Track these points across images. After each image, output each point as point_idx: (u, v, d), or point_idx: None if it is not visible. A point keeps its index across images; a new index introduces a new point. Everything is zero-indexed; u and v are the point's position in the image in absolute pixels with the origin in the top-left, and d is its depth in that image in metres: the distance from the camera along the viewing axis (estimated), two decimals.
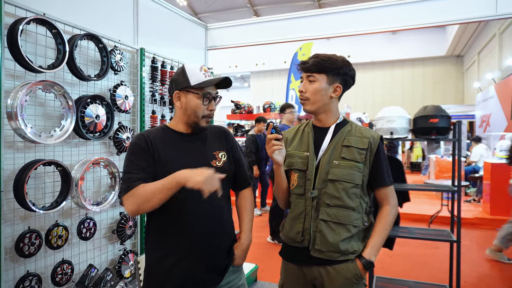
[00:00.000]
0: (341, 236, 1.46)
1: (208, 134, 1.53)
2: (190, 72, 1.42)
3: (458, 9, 2.98)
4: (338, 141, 1.51)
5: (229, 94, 25.90)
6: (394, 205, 1.55)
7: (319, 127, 1.58)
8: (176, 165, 1.33)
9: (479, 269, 3.88)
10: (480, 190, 6.86)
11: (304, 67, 1.51)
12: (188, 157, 1.42)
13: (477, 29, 13.13)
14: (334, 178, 1.46)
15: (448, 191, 2.66)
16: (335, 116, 1.57)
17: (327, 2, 14.32)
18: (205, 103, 1.43)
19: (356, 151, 1.48)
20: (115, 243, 2.47)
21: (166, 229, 1.40)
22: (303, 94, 1.51)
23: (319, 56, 1.51)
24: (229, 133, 1.62)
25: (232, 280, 1.51)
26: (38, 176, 1.92)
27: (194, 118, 1.44)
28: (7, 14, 1.73)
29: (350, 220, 1.47)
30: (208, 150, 1.49)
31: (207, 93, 1.43)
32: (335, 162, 1.48)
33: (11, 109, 1.71)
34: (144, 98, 2.64)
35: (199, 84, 1.41)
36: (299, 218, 1.51)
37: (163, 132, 1.47)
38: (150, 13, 2.82)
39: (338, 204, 1.46)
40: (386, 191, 1.53)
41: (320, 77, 1.49)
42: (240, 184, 1.62)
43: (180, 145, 1.45)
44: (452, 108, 13.94)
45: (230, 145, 1.57)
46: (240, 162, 1.59)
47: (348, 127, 1.55)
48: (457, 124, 2.58)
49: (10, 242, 1.77)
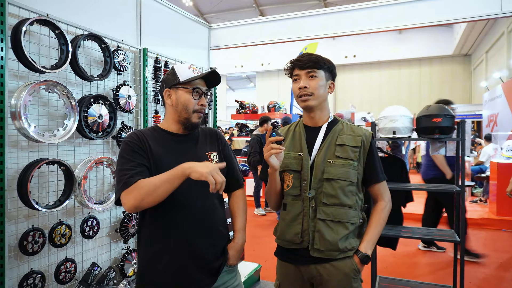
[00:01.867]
0: (339, 234, 1.46)
1: (199, 135, 1.54)
2: (179, 70, 1.45)
3: (463, 7, 2.95)
4: (331, 140, 1.51)
5: (234, 94, 25.98)
6: (388, 200, 1.58)
7: (311, 127, 1.58)
8: (168, 165, 1.32)
9: (485, 270, 3.84)
10: (486, 190, 6.79)
11: (302, 64, 1.50)
12: (179, 157, 1.40)
13: (485, 27, 12.99)
14: (330, 177, 1.47)
15: (451, 191, 2.64)
16: (327, 114, 1.58)
17: (333, 1, 14.27)
18: (195, 98, 1.44)
19: (350, 149, 1.49)
20: (118, 241, 2.49)
21: (158, 230, 1.40)
22: (306, 90, 1.49)
23: (311, 54, 1.52)
24: (220, 134, 1.63)
25: (228, 281, 1.51)
26: (42, 175, 1.94)
27: (185, 114, 1.44)
28: (10, 15, 1.75)
29: (347, 218, 1.48)
30: (199, 151, 1.49)
31: (196, 87, 1.44)
32: (330, 161, 1.48)
33: (15, 108, 1.73)
34: (147, 98, 2.66)
35: (188, 79, 1.43)
36: (297, 219, 1.51)
37: (155, 133, 1.47)
38: (153, 13, 2.83)
39: (335, 203, 1.47)
40: (380, 187, 1.56)
41: (319, 73, 1.50)
42: (232, 185, 1.62)
43: (172, 145, 1.45)
44: (459, 107, 13.81)
45: (221, 146, 1.58)
46: (232, 164, 1.60)
47: (339, 126, 1.56)
48: (461, 123, 2.55)
49: (14, 240, 1.79)
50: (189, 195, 1.40)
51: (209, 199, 1.45)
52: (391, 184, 2.71)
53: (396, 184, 2.73)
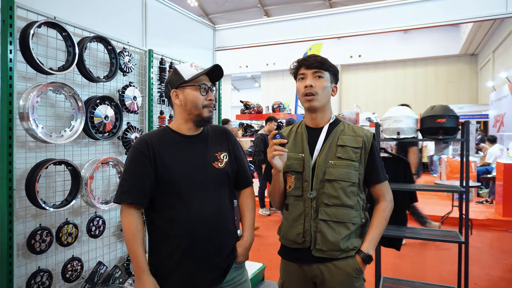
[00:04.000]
0: (341, 234, 1.48)
1: (209, 135, 1.56)
2: (182, 70, 1.47)
3: (468, 8, 2.95)
4: (332, 141, 1.53)
5: (239, 94, 25.99)
6: (390, 200, 1.59)
7: (312, 128, 1.60)
8: (178, 168, 1.39)
9: (490, 271, 3.82)
10: (492, 191, 6.74)
11: (309, 63, 1.52)
12: (189, 159, 1.45)
13: (492, 27, 12.86)
14: (332, 178, 1.48)
15: (456, 191, 2.63)
16: (329, 116, 1.60)
17: (338, 1, 14.23)
18: (203, 93, 1.46)
19: (351, 150, 1.50)
20: (123, 241, 2.52)
21: (168, 229, 1.43)
22: (312, 89, 1.50)
23: (317, 55, 1.54)
24: (231, 133, 1.65)
25: (235, 277, 1.53)
26: (49, 175, 1.97)
27: (196, 111, 1.46)
28: (19, 18, 1.78)
29: (349, 218, 1.49)
30: (210, 152, 1.51)
31: (202, 83, 1.46)
32: (331, 162, 1.50)
33: (23, 110, 1.76)
34: (152, 98, 2.68)
35: (193, 77, 1.45)
36: (299, 220, 1.53)
37: (165, 134, 1.50)
38: (158, 14, 2.86)
39: (337, 203, 1.48)
40: (381, 187, 1.57)
41: (325, 74, 1.52)
42: (241, 183, 1.64)
43: (182, 147, 1.47)
44: (466, 107, 13.74)
45: (231, 145, 1.60)
46: (242, 162, 1.62)
47: (341, 126, 1.57)
48: (465, 124, 2.55)
49: (22, 239, 1.83)
50: (199, 196, 1.43)
51: (220, 199, 1.48)
52: (395, 185, 2.71)
53: (400, 185, 2.73)
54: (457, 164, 7.89)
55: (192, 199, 1.41)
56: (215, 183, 1.47)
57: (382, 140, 2.77)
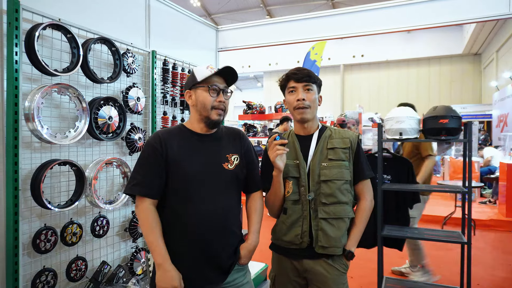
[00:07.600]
0: (341, 229, 1.60)
1: (223, 136, 1.58)
2: (197, 72, 1.50)
3: (471, 8, 2.95)
4: (323, 145, 1.64)
5: (242, 94, 25.99)
6: (370, 200, 1.70)
7: (303, 136, 1.69)
8: (188, 165, 1.43)
9: (493, 272, 3.81)
10: (495, 191, 6.72)
11: (299, 77, 1.62)
12: (200, 157, 1.47)
13: (495, 26, 12.81)
14: (326, 178, 1.59)
15: (458, 192, 2.63)
16: (317, 123, 1.71)
17: (341, 2, 14.22)
18: (213, 95, 1.47)
19: (341, 151, 1.62)
20: (127, 240, 2.54)
21: (172, 228, 1.44)
22: (305, 102, 1.61)
23: (303, 68, 1.66)
24: (245, 136, 1.67)
25: (237, 278, 1.55)
26: (54, 175, 1.99)
27: (205, 112, 1.48)
28: (24, 20, 1.80)
29: (346, 214, 1.61)
30: (221, 152, 1.53)
31: (213, 85, 1.48)
32: (324, 164, 1.61)
33: (28, 111, 1.78)
34: (156, 99, 2.70)
35: (204, 78, 1.47)
36: (297, 222, 1.62)
37: (180, 132, 1.53)
38: (161, 16, 2.88)
39: (334, 201, 1.59)
40: (364, 185, 1.69)
41: (313, 87, 1.64)
42: (250, 187, 1.65)
43: (195, 145, 1.50)
44: (469, 107, 13.69)
45: (244, 149, 1.61)
46: (253, 166, 1.63)
47: (328, 132, 1.68)
48: (468, 124, 2.54)
49: (27, 238, 1.85)
50: (206, 194, 1.45)
51: (227, 200, 1.50)
52: (398, 185, 2.71)
53: (403, 185, 2.73)
54: (460, 164, 7.85)
55: (199, 196, 1.43)
56: (223, 183, 1.49)
57: (385, 140, 2.76)
